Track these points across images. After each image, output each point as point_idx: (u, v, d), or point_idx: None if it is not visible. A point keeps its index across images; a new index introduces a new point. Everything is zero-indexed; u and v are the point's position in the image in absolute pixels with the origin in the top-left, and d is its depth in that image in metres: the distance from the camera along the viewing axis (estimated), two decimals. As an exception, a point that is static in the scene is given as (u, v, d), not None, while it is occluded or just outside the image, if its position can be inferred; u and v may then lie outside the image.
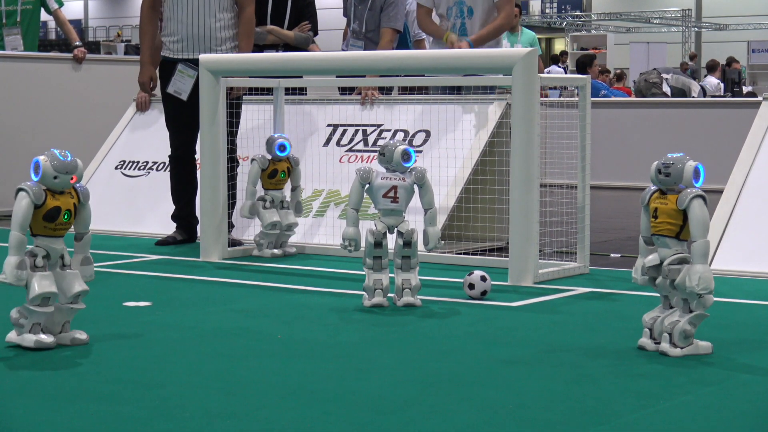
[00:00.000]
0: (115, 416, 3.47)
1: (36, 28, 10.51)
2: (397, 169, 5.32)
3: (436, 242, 5.33)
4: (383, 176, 5.32)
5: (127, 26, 44.68)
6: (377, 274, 5.27)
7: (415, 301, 5.28)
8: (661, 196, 4.25)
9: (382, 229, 5.29)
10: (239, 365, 4.15)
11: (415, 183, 5.31)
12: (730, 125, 11.35)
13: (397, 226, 5.30)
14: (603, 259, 6.93)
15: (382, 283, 5.26)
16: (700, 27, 39.13)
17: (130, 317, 5.12)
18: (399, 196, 5.29)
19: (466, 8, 7.45)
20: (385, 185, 5.30)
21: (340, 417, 3.48)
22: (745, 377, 3.98)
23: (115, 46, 27.87)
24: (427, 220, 5.33)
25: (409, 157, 5.30)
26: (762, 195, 6.43)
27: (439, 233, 5.35)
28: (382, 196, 5.30)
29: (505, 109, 7.11)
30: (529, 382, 3.90)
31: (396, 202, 5.30)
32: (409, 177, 5.32)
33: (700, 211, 4.14)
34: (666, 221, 4.21)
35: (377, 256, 5.27)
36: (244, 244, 7.22)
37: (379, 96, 7.85)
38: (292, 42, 8.60)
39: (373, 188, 5.32)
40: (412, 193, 5.34)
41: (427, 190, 5.33)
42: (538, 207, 5.94)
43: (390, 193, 5.30)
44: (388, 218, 5.31)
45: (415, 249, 5.30)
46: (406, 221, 5.33)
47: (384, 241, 5.30)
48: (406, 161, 5.30)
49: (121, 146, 8.70)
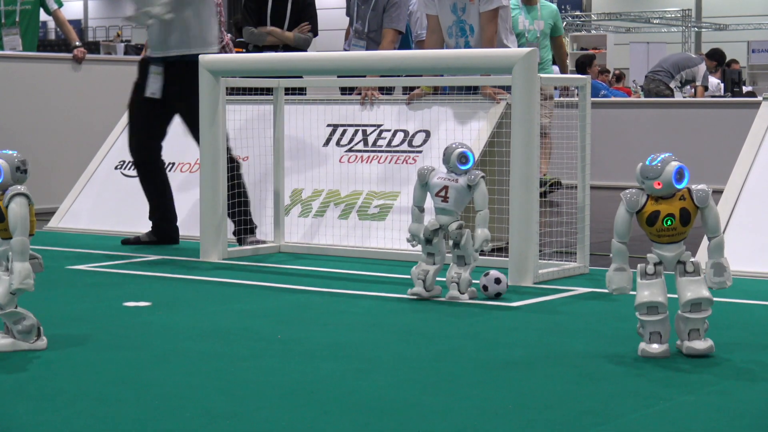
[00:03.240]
0: (114, 416, 3.47)
1: (35, 28, 10.52)
2: (454, 171, 5.44)
3: (481, 244, 5.40)
4: (439, 176, 5.47)
5: (127, 26, 44.66)
6: (426, 266, 5.44)
7: (460, 296, 5.39)
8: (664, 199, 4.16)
9: (431, 226, 5.43)
10: (239, 365, 4.15)
11: (468, 185, 5.40)
12: (730, 125, 11.36)
13: (448, 225, 5.41)
14: (603, 259, 6.92)
15: (427, 274, 5.40)
16: (700, 27, 39.11)
17: (130, 317, 5.12)
18: (449, 196, 5.43)
19: (467, 27, 7.42)
20: (438, 185, 5.45)
21: (340, 417, 3.48)
22: (745, 378, 3.98)
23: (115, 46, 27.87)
24: (477, 223, 5.41)
25: (466, 160, 5.43)
26: (762, 195, 6.43)
27: (486, 236, 5.40)
28: (435, 195, 5.47)
29: (505, 109, 7.10)
30: (528, 383, 3.90)
31: (446, 202, 5.44)
32: (463, 179, 5.41)
33: (715, 207, 4.18)
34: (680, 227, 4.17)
35: (429, 252, 5.45)
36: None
37: (379, 96, 7.85)
38: (291, 43, 8.60)
39: (429, 187, 5.50)
40: (466, 194, 5.43)
41: (479, 193, 5.40)
42: (538, 207, 5.94)
43: (441, 192, 5.45)
44: (441, 217, 5.45)
45: (467, 248, 5.39)
46: (458, 221, 5.42)
47: (436, 238, 5.44)
48: (462, 164, 5.42)
49: (120, 146, 8.69)
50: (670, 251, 4.19)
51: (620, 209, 4.22)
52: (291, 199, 7.55)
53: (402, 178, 7.31)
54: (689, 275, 4.18)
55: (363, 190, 7.40)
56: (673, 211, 4.14)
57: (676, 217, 4.14)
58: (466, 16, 7.40)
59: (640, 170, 4.17)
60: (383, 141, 7.61)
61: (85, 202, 8.45)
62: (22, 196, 4.22)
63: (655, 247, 4.21)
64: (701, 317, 4.18)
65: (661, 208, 4.15)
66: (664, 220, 4.15)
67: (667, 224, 4.15)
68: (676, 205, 4.15)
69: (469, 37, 7.42)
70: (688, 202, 4.15)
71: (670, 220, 4.14)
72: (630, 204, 4.18)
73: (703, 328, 4.22)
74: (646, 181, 4.16)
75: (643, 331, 4.24)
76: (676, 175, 4.12)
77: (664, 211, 4.15)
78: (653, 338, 4.21)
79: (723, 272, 4.18)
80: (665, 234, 4.17)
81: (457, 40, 7.45)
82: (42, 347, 4.35)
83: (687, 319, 4.18)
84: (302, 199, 7.54)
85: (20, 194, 4.22)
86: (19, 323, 4.30)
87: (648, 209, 4.17)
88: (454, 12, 7.42)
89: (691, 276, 4.18)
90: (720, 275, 4.18)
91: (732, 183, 6.55)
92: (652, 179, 4.14)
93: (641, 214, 4.18)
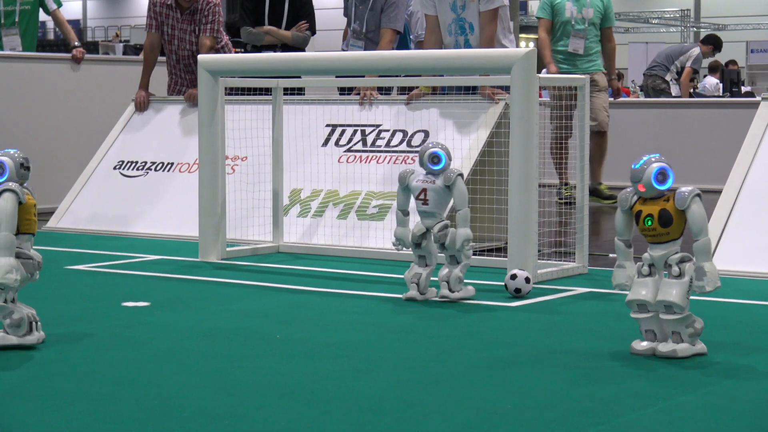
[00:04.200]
0: (113, 416, 3.46)
1: (34, 29, 10.51)
2: (429, 172, 5.38)
3: (462, 243, 5.32)
4: (418, 179, 5.41)
5: (126, 26, 44.68)
6: (418, 269, 5.40)
7: (450, 295, 5.36)
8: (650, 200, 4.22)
9: (418, 231, 5.38)
10: (238, 365, 4.15)
11: (446, 185, 5.35)
12: (728, 125, 11.35)
13: (432, 227, 5.36)
14: (602, 259, 6.93)
15: (420, 277, 5.37)
16: (699, 27, 39.15)
17: (129, 317, 5.12)
18: (429, 198, 5.37)
19: (467, 24, 7.41)
20: (418, 188, 5.40)
21: (339, 417, 3.48)
22: (744, 377, 3.98)
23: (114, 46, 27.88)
24: (457, 222, 5.36)
25: (438, 160, 5.35)
26: (761, 195, 6.43)
27: (467, 235, 5.32)
28: (416, 198, 5.41)
29: (504, 109, 7.11)
30: (527, 382, 3.90)
31: (426, 204, 5.38)
32: (440, 179, 5.36)
33: (699, 210, 4.15)
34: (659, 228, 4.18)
35: (420, 255, 5.41)
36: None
37: (378, 96, 7.85)
38: (289, 42, 8.61)
39: (409, 190, 5.44)
40: (445, 194, 5.37)
41: (457, 192, 5.34)
42: (536, 207, 5.93)
43: (421, 195, 5.39)
44: (424, 220, 5.40)
45: (453, 248, 5.34)
46: (442, 222, 5.37)
47: (423, 241, 5.40)
48: (434, 164, 5.36)
49: (119, 146, 8.70)
50: (656, 251, 4.22)
51: (618, 207, 4.34)
52: (290, 199, 7.55)
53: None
54: (672, 278, 4.19)
55: (362, 191, 7.40)
56: (652, 212, 4.19)
57: (655, 218, 4.18)
58: (466, 14, 7.40)
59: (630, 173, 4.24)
60: (382, 141, 7.60)
61: (84, 202, 8.45)
62: (10, 192, 4.24)
63: (648, 247, 4.26)
64: (673, 319, 4.17)
65: (644, 208, 4.23)
66: (644, 219, 4.20)
67: (648, 224, 4.20)
68: (659, 205, 4.19)
69: (468, 36, 7.41)
70: (670, 203, 4.17)
71: (650, 221, 4.19)
72: (621, 202, 4.31)
73: (686, 332, 4.19)
74: (633, 184, 4.25)
75: (641, 329, 4.27)
76: (656, 177, 4.17)
77: (645, 212, 4.21)
78: (647, 336, 4.26)
79: (703, 276, 4.13)
80: (647, 234, 4.23)
81: (456, 38, 7.45)
82: (33, 342, 4.34)
83: (663, 321, 4.20)
84: (301, 199, 7.54)
85: (8, 190, 4.24)
86: (8, 317, 4.32)
87: (635, 209, 4.26)
88: (453, 10, 7.42)
89: (675, 279, 4.18)
90: (700, 279, 4.15)
91: (731, 183, 6.55)
92: (635, 182, 4.23)
93: (633, 214, 4.27)
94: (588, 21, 9.81)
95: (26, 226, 4.33)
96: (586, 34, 9.80)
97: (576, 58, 9.83)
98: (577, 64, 9.82)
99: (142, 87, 8.83)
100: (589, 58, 9.84)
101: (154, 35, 8.86)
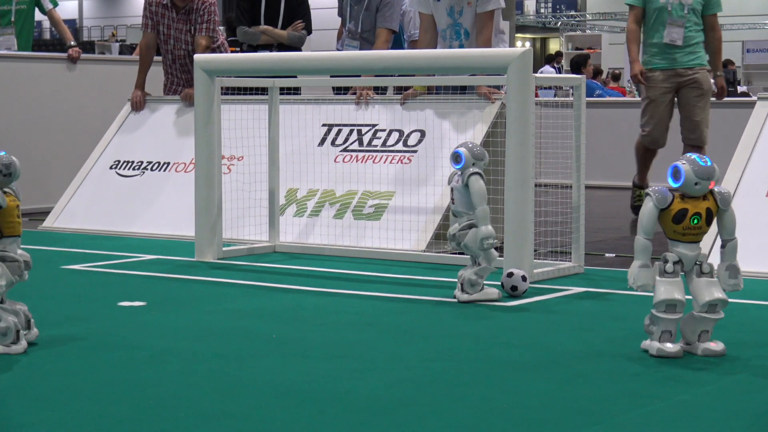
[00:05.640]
0: (109, 416, 3.46)
1: (30, 28, 10.51)
2: (456, 172, 5.41)
3: (481, 242, 5.30)
4: (454, 179, 5.45)
5: (122, 26, 44.62)
6: (463, 270, 5.42)
7: (459, 296, 5.36)
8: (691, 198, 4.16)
9: (451, 231, 5.41)
10: (234, 365, 4.15)
11: (465, 184, 5.36)
12: (725, 125, 11.35)
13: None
14: (598, 258, 6.93)
15: (462, 276, 5.39)
16: (695, 27, 39.09)
17: (125, 317, 5.11)
18: (454, 198, 5.41)
19: (462, 30, 7.41)
20: (451, 188, 5.44)
21: (336, 417, 3.48)
22: (743, 377, 3.98)
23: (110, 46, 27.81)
24: (476, 221, 5.35)
25: (459, 159, 5.36)
26: (757, 194, 6.43)
27: (484, 234, 5.29)
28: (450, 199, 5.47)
29: (500, 109, 7.11)
30: (524, 382, 3.90)
31: (454, 204, 5.42)
32: (462, 179, 5.38)
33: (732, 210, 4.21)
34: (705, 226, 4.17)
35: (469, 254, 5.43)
36: None
37: (374, 96, 7.85)
38: (285, 41, 8.60)
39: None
40: (466, 194, 5.38)
41: (473, 191, 5.34)
42: (532, 207, 5.93)
43: (451, 195, 5.44)
44: (454, 219, 5.44)
45: (470, 248, 5.34)
46: (465, 222, 5.36)
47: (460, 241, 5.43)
48: (456, 163, 5.39)
49: (115, 146, 8.70)
50: (691, 250, 4.19)
51: (647, 205, 4.17)
52: (286, 198, 7.55)
53: (397, 178, 7.31)
54: (705, 276, 4.19)
55: (358, 190, 7.40)
56: (699, 210, 4.15)
57: (702, 216, 4.15)
58: (462, 20, 7.40)
59: (694, 172, 4.10)
60: (378, 141, 7.60)
61: (81, 201, 8.45)
62: None
63: (676, 246, 4.19)
64: (715, 318, 4.19)
65: (689, 206, 4.15)
66: (691, 218, 4.15)
67: (694, 222, 4.15)
68: (703, 204, 4.15)
69: (463, 41, 7.41)
70: (711, 202, 4.16)
71: (697, 219, 4.15)
72: (659, 200, 4.15)
73: (711, 329, 4.23)
74: (702, 182, 4.11)
75: (655, 329, 4.21)
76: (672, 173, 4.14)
77: (692, 210, 4.14)
78: (664, 337, 4.20)
79: (737, 274, 4.22)
80: (690, 233, 4.17)
81: (451, 42, 7.44)
82: (19, 351, 4.26)
83: (702, 320, 4.18)
84: (297, 199, 7.53)
85: None
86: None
87: (675, 207, 4.15)
88: (450, 15, 7.42)
89: (707, 277, 4.19)
90: (735, 277, 4.22)
91: (727, 182, 6.55)
92: (707, 180, 4.12)
93: (667, 212, 4.16)
94: (687, 7, 8.36)
95: (9, 228, 4.27)
96: (685, 22, 8.36)
97: (674, 50, 8.42)
98: (675, 57, 8.44)
99: (138, 87, 8.85)
100: (689, 49, 8.42)
101: (149, 35, 8.87)
